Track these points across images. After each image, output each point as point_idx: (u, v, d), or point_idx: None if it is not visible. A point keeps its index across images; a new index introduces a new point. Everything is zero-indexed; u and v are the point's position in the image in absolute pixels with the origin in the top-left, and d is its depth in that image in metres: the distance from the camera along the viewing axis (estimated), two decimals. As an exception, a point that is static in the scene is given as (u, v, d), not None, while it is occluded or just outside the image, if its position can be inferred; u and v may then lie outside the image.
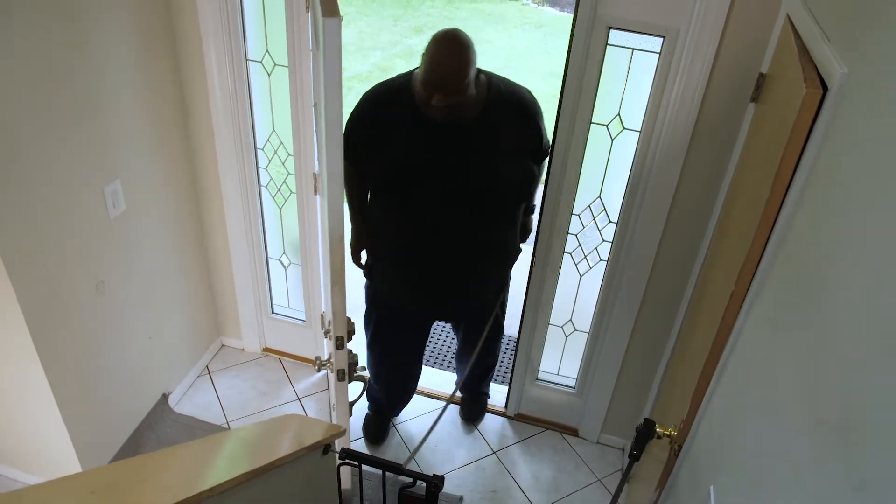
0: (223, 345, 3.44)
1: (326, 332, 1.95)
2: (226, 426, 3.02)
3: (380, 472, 1.85)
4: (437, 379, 3.36)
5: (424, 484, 1.84)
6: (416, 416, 3.14)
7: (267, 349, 3.41)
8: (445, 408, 2.95)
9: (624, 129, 2.32)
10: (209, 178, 2.84)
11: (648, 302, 2.59)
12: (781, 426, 1.19)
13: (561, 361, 3.00)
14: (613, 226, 2.52)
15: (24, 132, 1.96)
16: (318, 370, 1.98)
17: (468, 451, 3.03)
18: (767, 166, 1.65)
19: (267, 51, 2.54)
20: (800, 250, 1.30)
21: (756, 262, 1.51)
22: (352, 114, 2.18)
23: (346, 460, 1.80)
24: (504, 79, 2.18)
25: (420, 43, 8.20)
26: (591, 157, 2.39)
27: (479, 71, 2.06)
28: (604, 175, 2.44)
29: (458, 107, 1.98)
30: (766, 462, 1.23)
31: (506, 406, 3.18)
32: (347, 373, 2.05)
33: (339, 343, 1.96)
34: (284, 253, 3.10)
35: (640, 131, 2.29)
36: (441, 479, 1.79)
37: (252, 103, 2.66)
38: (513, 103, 2.15)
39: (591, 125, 2.31)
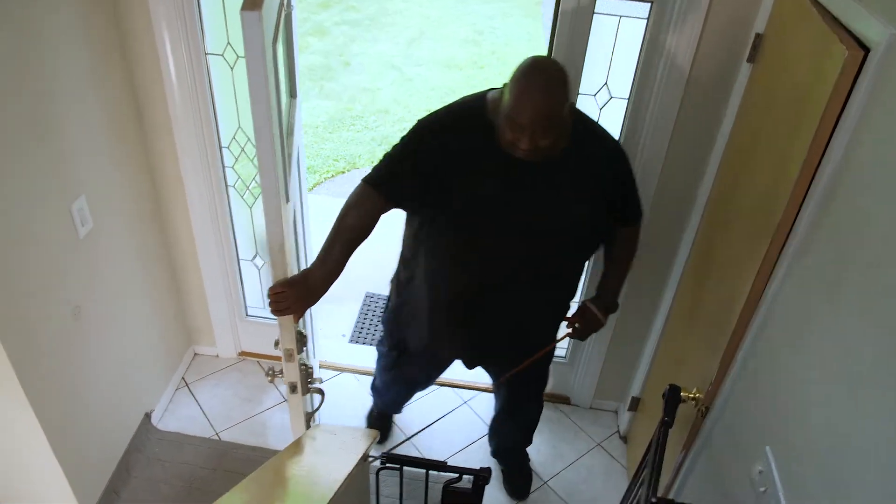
0: (196, 353, 3.28)
1: (276, 343, 1.89)
2: (215, 437, 2.89)
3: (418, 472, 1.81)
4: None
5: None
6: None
7: (243, 353, 3.28)
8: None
9: (612, 97, 2.30)
10: (171, 182, 2.67)
11: (639, 267, 2.60)
12: (852, 387, 1.22)
13: (551, 333, 3.00)
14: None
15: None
16: (271, 381, 1.91)
17: (466, 434, 3.01)
18: (783, 125, 1.68)
19: (228, 42, 2.39)
20: (849, 205, 1.32)
21: (791, 223, 1.53)
22: (409, 141, 1.89)
23: (388, 464, 1.74)
24: (583, 114, 1.95)
25: (329, 18, 7.97)
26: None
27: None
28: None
29: (550, 149, 1.73)
30: (836, 423, 1.26)
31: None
32: (301, 385, 1.99)
33: (289, 356, 1.91)
34: (257, 254, 2.97)
35: (628, 99, 2.28)
36: (488, 471, 1.76)
37: (214, 100, 2.51)
38: (597, 141, 1.92)
39: (578, 96, 2.29)
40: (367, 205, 1.86)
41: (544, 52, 2.14)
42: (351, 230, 1.86)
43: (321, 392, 2.05)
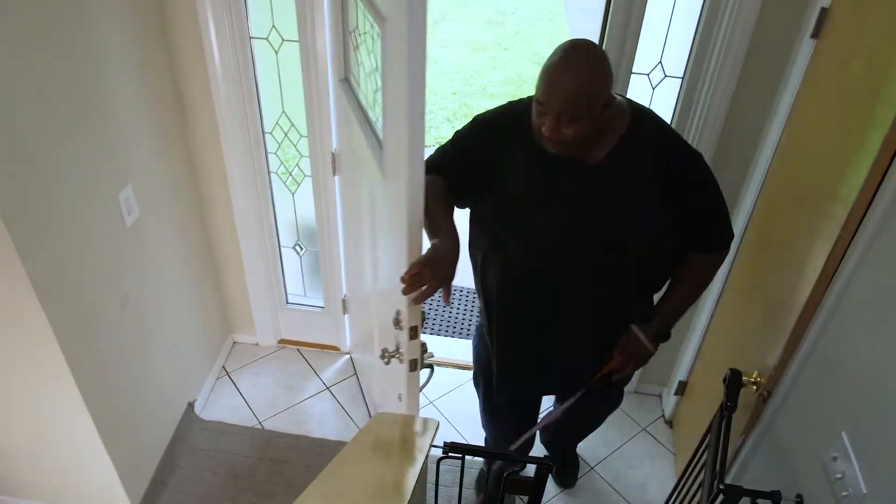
0: (235, 342, 3.28)
1: (397, 322, 1.85)
2: (258, 426, 2.89)
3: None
4: (459, 348, 3.29)
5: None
6: (451, 389, 3.07)
7: (283, 340, 3.27)
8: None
9: (665, 76, 2.25)
10: (214, 169, 2.65)
11: (689, 250, 2.56)
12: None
13: (595, 318, 2.97)
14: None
15: (34, 142, 1.76)
16: (388, 362, 1.88)
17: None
18: (856, 100, 1.63)
19: (273, 26, 2.35)
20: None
21: (868, 202, 1.48)
22: (463, 136, 1.82)
23: (450, 453, 1.72)
24: (660, 120, 1.74)
25: None
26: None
27: (624, 101, 1.70)
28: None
29: (576, 141, 1.56)
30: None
31: (540, 368, 3.15)
32: (419, 362, 1.96)
33: (413, 333, 1.87)
34: (299, 240, 2.94)
35: (682, 77, 2.23)
36: (552, 461, 1.73)
37: (258, 85, 2.48)
38: (664, 149, 1.69)
39: (632, 75, 2.24)
40: (441, 188, 1.77)
41: (566, 32, 2.09)
42: (443, 198, 1.76)
43: (432, 367, 1.95)
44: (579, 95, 1.49)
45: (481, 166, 1.76)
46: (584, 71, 1.50)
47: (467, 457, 1.76)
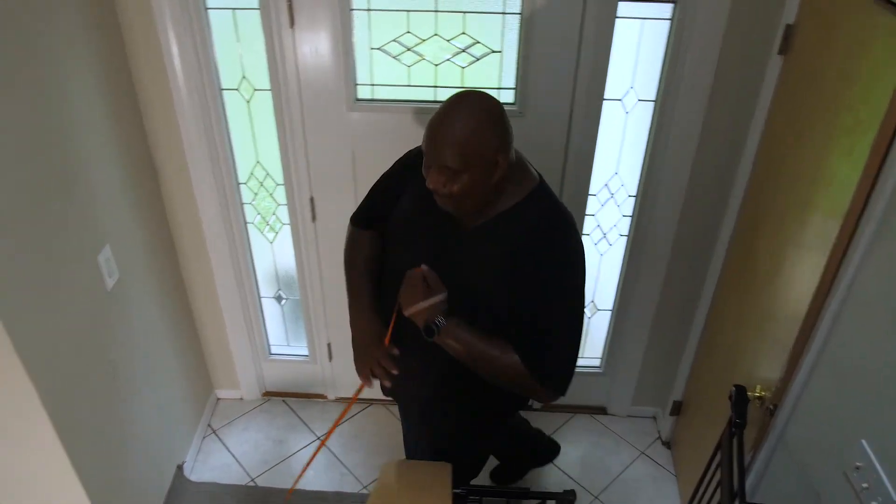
0: (219, 398, 3.18)
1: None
2: (252, 484, 2.79)
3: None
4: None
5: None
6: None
7: (268, 393, 3.19)
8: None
9: (639, 100, 2.28)
10: (190, 224, 2.60)
11: (674, 270, 2.58)
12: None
13: (585, 344, 2.96)
14: (633, 199, 2.50)
15: (9, 207, 1.70)
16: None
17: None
18: (832, 110, 1.67)
19: (244, 76, 2.33)
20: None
21: (861, 207, 1.51)
22: (386, 172, 1.81)
23: (469, 497, 1.68)
24: (553, 205, 1.58)
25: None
26: (605, 135, 2.34)
27: (534, 173, 1.59)
28: (620, 150, 2.40)
29: (463, 199, 1.45)
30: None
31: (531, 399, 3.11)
32: None
33: None
34: (280, 289, 2.89)
35: (655, 101, 2.27)
36: (573, 493, 1.70)
37: (230, 136, 2.44)
38: (535, 241, 1.52)
39: (604, 101, 2.26)
40: (362, 236, 1.80)
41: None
42: (363, 260, 1.77)
43: None
44: (461, 147, 1.38)
45: (387, 203, 1.74)
46: (467, 123, 1.39)
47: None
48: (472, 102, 1.42)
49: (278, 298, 2.93)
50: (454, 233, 1.57)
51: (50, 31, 1.83)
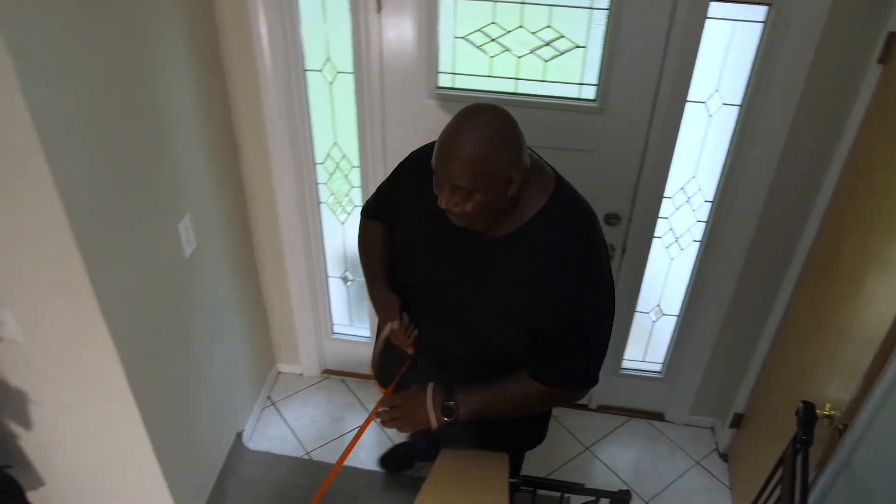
0: (280, 372, 3.27)
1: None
2: (306, 457, 2.86)
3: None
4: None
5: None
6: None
7: (327, 371, 3.26)
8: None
9: (723, 104, 2.23)
10: (264, 199, 2.67)
11: (746, 280, 2.52)
12: None
13: (647, 348, 2.92)
14: (709, 205, 2.45)
15: (106, 172, 1.78)
16: None
17: (561, 450, 2.94)
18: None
19: (328, 58, 2.37)
20: None
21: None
22: (393, 172, 1.76)
23: (522, 487, 1.68)
24: (576, 208, 1.52)
25: None
26: (685, 137, 2.30)
27: (551, 174, 1.54)
28: (699, 153, 2.36)
29: (477, 216, 1.41)
30: None
31: (589, 399, 3.10)
32: None
33: None
34: (347, 270, 2.94)
35: (740, 105, 2.21)
36: (628, 493, 1.69)
37: (311, 116, 2.49)
38: (557, 247, 1.46)
39: (687, 103, 2.22)
40: (374, 226, 1.79)
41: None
42: (377, 248, 1.77)
43: None
44: (472, 167, 1.33)
45: (399, 201, 1.70)
46: (477, 142, 1.32)
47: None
48: (480, 119, 1.34)
49: (344, 279, 2.98)
50: (477, 246, 1.51)
51: (145, 10, 1.89)
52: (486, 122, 1.34)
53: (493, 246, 1.49)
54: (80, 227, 1.66)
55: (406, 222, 1.65)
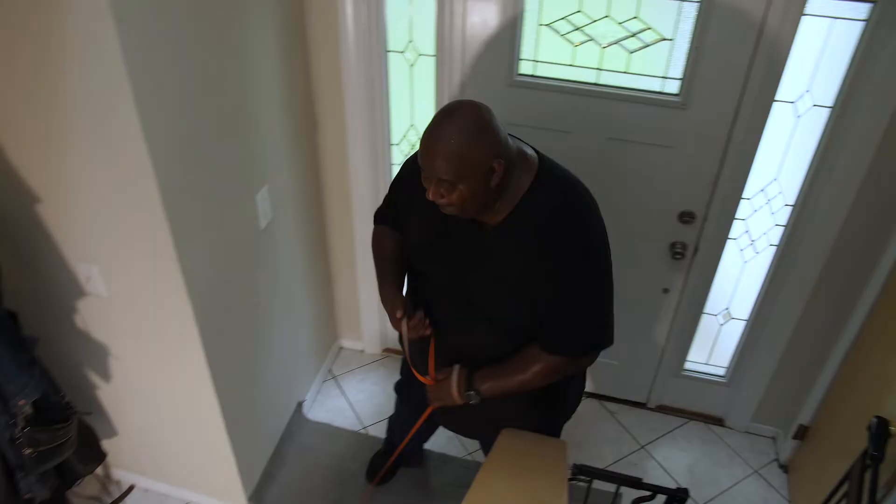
0: (342, 347, 3.33)
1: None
2: (363, 432, 2.92)
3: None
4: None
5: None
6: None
7: (388, 349, 3.30)
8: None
9: (813, 105, 2.16)
10: (338, 178, 2.71)
11: (823, 288, 2.44)
12: None
13: (712, 351, 2.87)
14: (789, 209, 2.38)
15: (194, 139, 1.84)
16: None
17: (616, 446, 2.92)
18: None
19: (411, 40, 2.39)
20: None
21: None
22: (396, 176, 1.84)
23: (578, 476, 1.68)
24: (565, 183, 1.59)
25: None
26: (769, 138, 2.23)
27: (534, 156, 1.59)
28: (783, 156, 2.29)
29: (465, 206, 1.49)
30: None
31: (648, 398, 3.06)
32: None
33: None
34: (414, 251, 2.97)
35: (832, 107, 2.14)
36: (686, 491, 1.67)
37: (389, 97, 2.52)
38: (551, 220, 1.55)
39: (774, 103, 2.15)
40: (385, 231, 1.88)
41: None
42: (388, 251, 1.85)
43: None
44: (453, 160, 1.42)
45: (402, 202, 1.79)
46: (457, 137, 1.41)
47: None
48: (459, 116, 1.43)
49: (411, 260, 3.01)
50: (477, 235, 1.61)
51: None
52: (465, 118, 1.43)
53: (491, 232, 1.59)
54: (168, 192, 1.73)
55: (412, 220, 1.75)
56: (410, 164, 1.74)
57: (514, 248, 1.57)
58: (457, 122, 1.42)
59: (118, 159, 1.67)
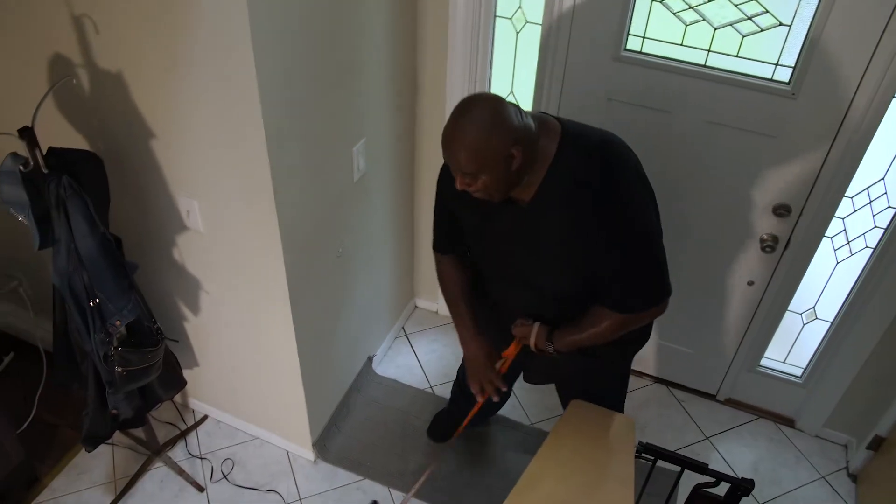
0: (416, 306, 3.40)
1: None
2: (430, 391, 2.98)
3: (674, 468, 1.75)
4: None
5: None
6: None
7: (460, 314, 3.35)
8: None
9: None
10: (431, 139, 2.75)
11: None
12: None
13: (790, 350, 2.81)
14: (892, 211, 2.29)
15: (304, 87, 1.90)
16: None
17: (679, 434, 2.90)
18: None
19: (520, 6, 2.39)
20: None
21: None
22: (436, 193, 1.94)
23: (643, 454, 1.69)
24: (584, 144, 1.64)
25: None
26: (882, 136, 2.15)
27: (555, 125, 1.63)
28: (894, 157, 2.20)
29: (492, 190, 1.58)
30: None
31: (718, 390, 3.02)
32: None
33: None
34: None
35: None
36: (751, 482, 1.66)
37: (492, 62, 2.53)
38: (582, 185, 1.61)
39: (894, 100, 2.07)
40: (446, 265, 2.03)
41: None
42: (458, 289, 2.03)
43: None
44: (472, 154, 1.50)
45: (451, 210, 1.89)
46: (472, 130, 1.49)
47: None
48: (473, 109, 1.51)
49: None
50: (517, 215, 1.68)
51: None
52: (479, 113, 1.49)
53: (528, 210, 1.66)
54: (273, 135, 1.80)
55: (463, 213, 1.85)
56: (443, 172, 1.86)
57: (549, 221, 1.66)
58: (471, 117, 1.50)
59: (230, 99, 1.74)
